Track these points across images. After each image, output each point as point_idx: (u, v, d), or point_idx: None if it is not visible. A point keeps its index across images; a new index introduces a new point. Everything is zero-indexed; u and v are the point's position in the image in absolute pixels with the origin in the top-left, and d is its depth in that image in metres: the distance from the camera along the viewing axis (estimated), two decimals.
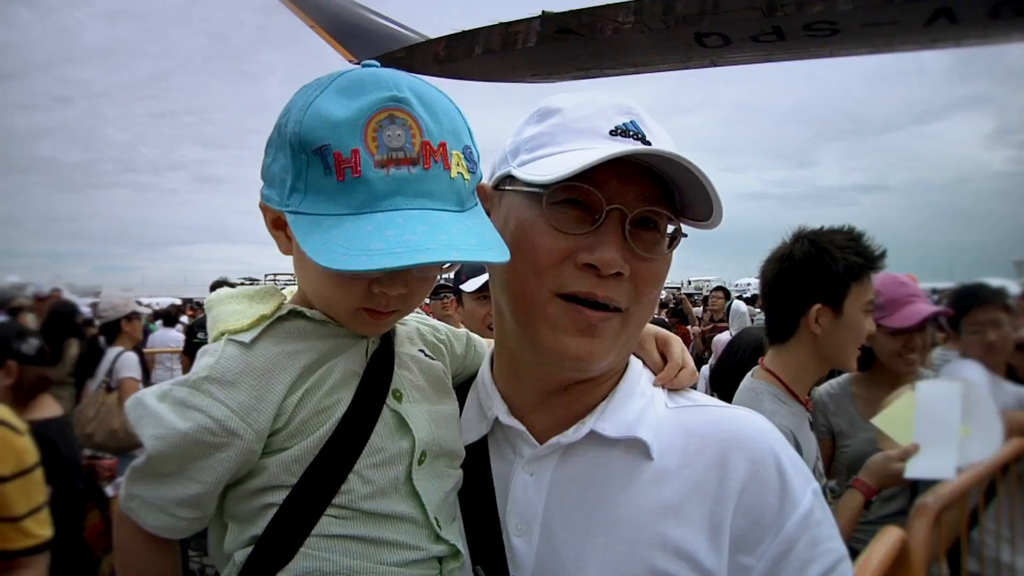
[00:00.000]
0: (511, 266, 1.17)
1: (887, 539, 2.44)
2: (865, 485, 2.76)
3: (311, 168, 1.04)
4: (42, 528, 2.77)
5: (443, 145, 1.08)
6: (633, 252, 1.15)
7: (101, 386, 6.22)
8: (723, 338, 8.14)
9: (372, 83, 1.07)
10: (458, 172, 1.09)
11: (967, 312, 3.88)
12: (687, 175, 1.12)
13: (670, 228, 1.21)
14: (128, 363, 6.33)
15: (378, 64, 1.14)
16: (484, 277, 3.84)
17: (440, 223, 1.05)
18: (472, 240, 1.06)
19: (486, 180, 1.30)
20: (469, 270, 3.94)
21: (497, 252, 1.08)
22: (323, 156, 1.03)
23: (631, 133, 1.17)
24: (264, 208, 1.18)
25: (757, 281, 3.08)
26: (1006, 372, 3.90)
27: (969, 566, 3.30)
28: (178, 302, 23.67)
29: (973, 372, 3.78)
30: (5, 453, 2.69)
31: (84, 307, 9.09)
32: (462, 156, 1.11)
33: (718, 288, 13.42)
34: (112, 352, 6.45)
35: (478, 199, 1.17)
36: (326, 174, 1.03)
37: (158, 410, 1.10)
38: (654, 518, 1.15)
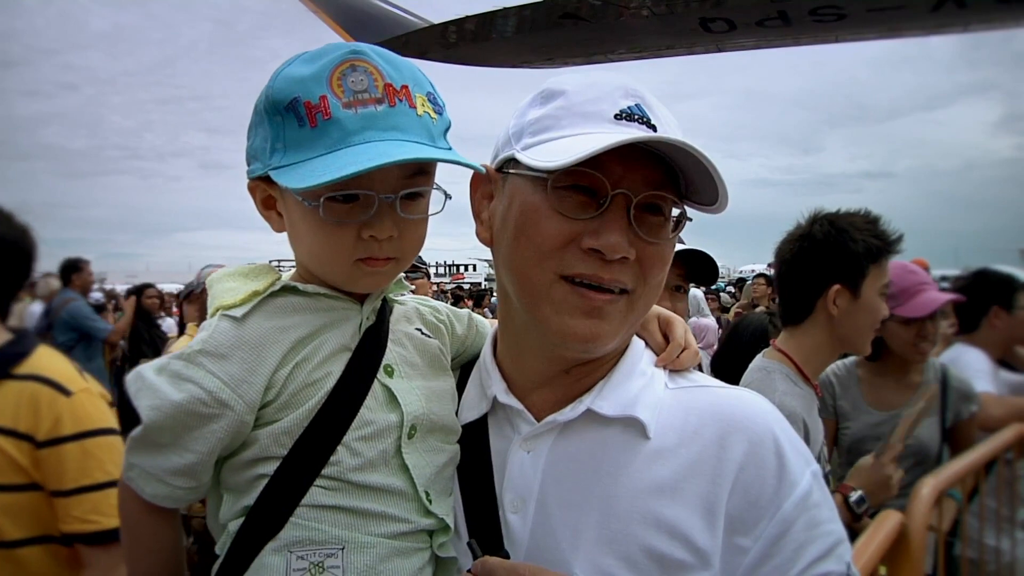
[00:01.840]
0: (516, 249, 1.19)
1: (886, 523, 2.45)
2: (849, 489, 2.72)
3: (286, 125, 1.12)
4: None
5: (405, 87, 1.16)
6: (638, 236, 1.15)
7: None
8: (699, 323, 8.21)
9: (332, 48, 1.16)
10: (424, 111, 1.17)
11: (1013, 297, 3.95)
12: (692, 160, 1.11)
13: (675, 212, 1.20)
14: None
15: None
16: None
17: (408, 144, 1.13)
18: (443, 150, 1.16)
19: (489, 163, 1.31)
20: None
21: (470, 160, 1.18)
22: (295, 109, 1.11)
23: (636, 117, 1.16)
24: (252, 189, 1.24)
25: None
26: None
27: (955, 550, 3.33)
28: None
29: (976, 358, 3.81)
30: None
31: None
32: (426, 99, 1.19)
33: (760, 275, 13.62)
34: None
35: (451, 145, 1.23)
36: (300, 126, 1.11)
37: (155, 382, 1.14)
38: (649, 497, 1.15)
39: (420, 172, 1.20)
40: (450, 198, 1.25)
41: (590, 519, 1.16)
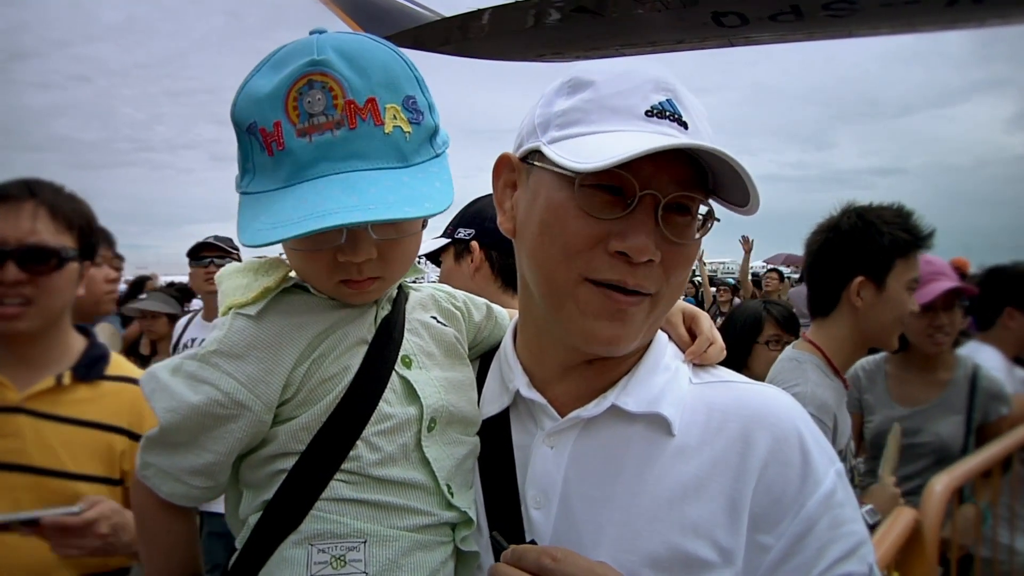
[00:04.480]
0: (540, 246, 1.17)
1: (900, 520, 2.44)
2: (862, 504, 2.74)
3: (252, 147, 1.09)
4: None
5: (371, 101, 1.07)
6: (664, 237, 1.12)
7: None
8: None
9: (297, 52, 1.08)
10: (394, 126, 1.08)
11: None
12: (723, 161, 1.09)
13: (702, 210, 1.18)
14: None
15: (326, 31, 1.13)
16: None
17: (360, 184, 1.05)
18: (392, 197, 1.04)
19: (512, 151, 1.27)
20: None
21: (422, 207, 1.07)
22: (254, 134, 1.08)
23: (668, 114, 1.13)
24: None
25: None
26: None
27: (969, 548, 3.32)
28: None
29: (989, 356, 3.79)
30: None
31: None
32: (400, 108, 1.10)
33: (773, 270, 13.97)
34: None
35: (440, 151, 1.17)
36: (261, 151, 1.08)
37: (170, 383, 1.13)
38: (673, 495, 1.14)
39: None
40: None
41: (614, 516, 1.16)
